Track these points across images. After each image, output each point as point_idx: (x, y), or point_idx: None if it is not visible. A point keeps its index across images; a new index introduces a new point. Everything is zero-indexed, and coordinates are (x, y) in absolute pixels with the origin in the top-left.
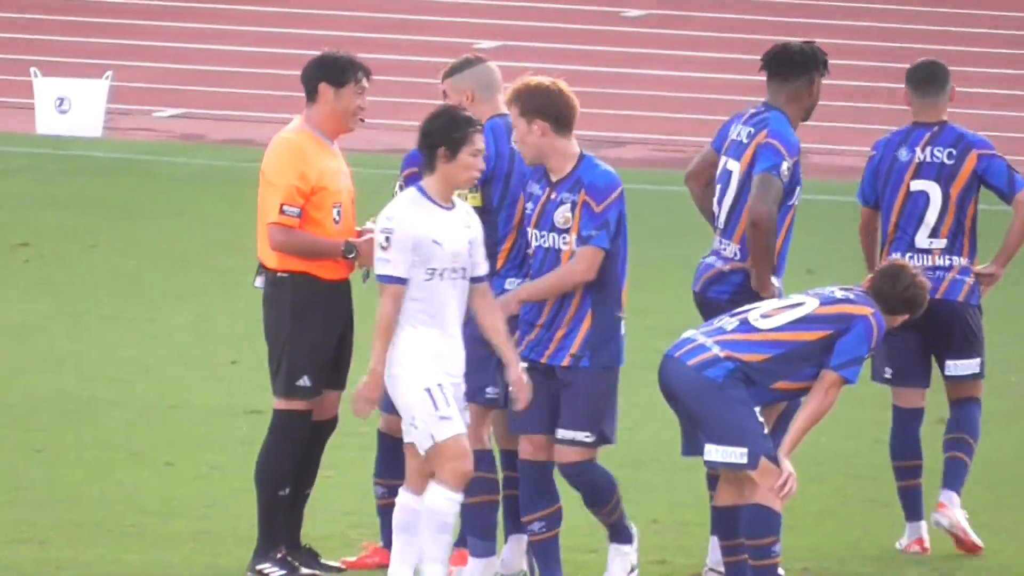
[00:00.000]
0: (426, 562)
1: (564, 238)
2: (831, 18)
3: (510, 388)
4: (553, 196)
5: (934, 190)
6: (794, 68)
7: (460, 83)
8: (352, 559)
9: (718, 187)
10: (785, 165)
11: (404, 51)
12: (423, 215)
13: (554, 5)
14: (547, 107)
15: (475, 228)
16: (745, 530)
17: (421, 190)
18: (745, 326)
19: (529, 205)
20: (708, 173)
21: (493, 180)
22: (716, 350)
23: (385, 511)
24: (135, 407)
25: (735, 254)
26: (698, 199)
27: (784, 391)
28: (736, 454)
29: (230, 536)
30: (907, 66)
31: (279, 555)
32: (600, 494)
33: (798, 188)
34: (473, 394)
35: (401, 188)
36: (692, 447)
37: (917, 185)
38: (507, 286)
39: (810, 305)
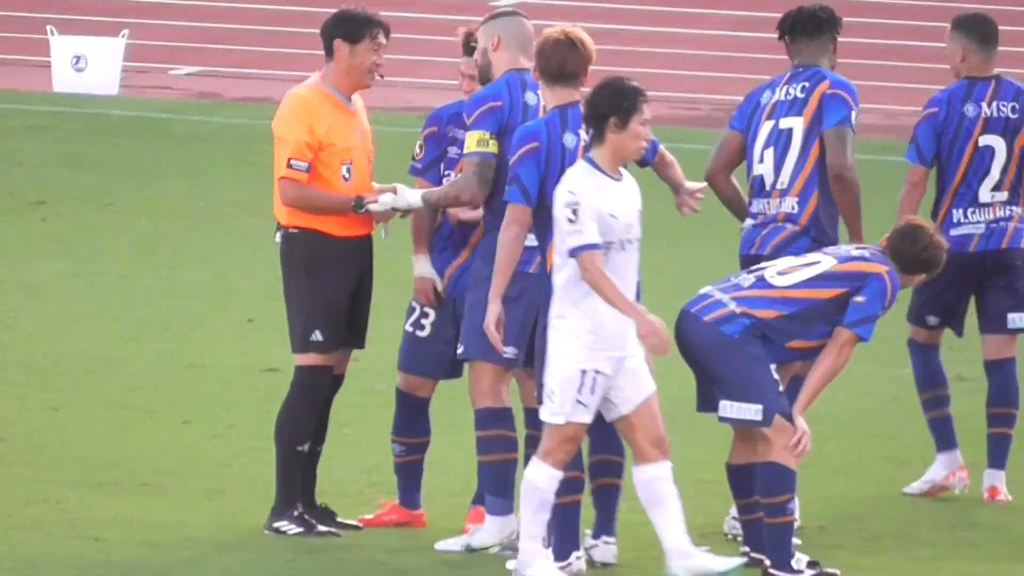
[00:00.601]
0: (524, 539)
1: None
2: None
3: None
4: None
5: (999, 144)
6: (819, 25)
7: (493, 28)
8: (369, 516)
9: (770, 150)
10: (854, 114)
11: (421, 8)
12: (599, 189)
13: None
14: (537, 58)
15: (639, 197)
16: (760, 488)
17: (591, 162)
18: (761, 283)
19: None
20: (733, 160)
21: (507, 132)
22: (732, 306)
23: (402, 469)
24: (152, 366)
25: (793, 207)
26: (725, 194)
27: (799, 349)
28: (751, 411)
29: (247, 494)
30: (923, 23)
31: (296, 513)
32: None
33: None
34: (492, 353)
35: (421, 148)
36: (707, 403)
37: (985, 140)
38: None
39: (826, 263)
